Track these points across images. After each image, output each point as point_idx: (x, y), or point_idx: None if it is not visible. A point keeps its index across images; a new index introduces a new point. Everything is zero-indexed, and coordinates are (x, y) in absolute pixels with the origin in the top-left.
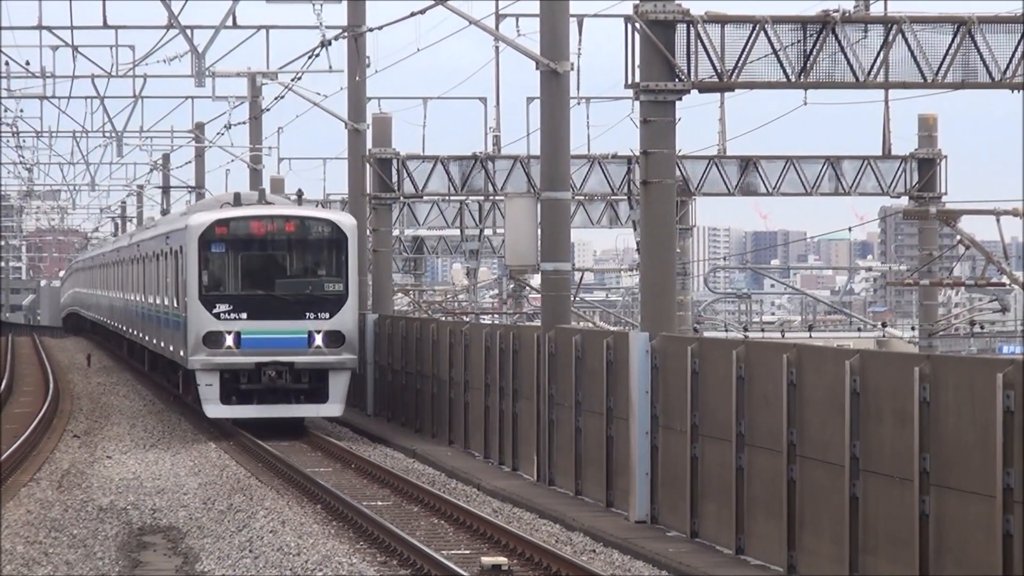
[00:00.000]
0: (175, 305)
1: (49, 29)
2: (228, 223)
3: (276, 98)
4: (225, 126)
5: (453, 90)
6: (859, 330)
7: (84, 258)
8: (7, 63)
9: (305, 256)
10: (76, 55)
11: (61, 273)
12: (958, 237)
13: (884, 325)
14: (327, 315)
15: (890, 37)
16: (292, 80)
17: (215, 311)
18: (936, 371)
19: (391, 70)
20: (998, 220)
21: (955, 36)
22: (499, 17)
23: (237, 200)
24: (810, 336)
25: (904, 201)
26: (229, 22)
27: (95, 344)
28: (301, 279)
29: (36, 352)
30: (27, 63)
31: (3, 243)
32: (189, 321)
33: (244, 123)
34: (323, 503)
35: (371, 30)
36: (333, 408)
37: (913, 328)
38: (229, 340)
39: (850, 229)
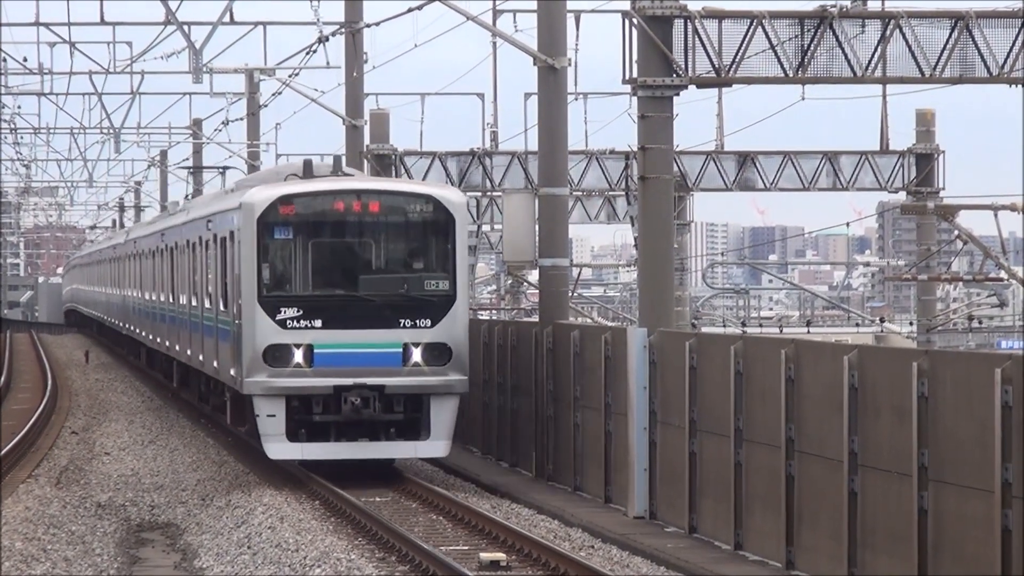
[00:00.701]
0: (221, 308)
1: (47, 26)
2: (296, 200)
3: (274, 94)
4: (223, 122)
5: (451, 86)
6: (857, 325)
7: (90, 251)
8: (5, 60)
9: (399, 244)
10: (74, 52)
11: (60, 269)
12: (956, 232)
13: (882, 320)
14: (428, 322)
15: (887, 32)
16: (289, 76)
17: (279, 317)
18: (934, 366)
19: (389, 66)
20: (996, 215)
21: (952, 31)
22: (496, 13)
23: (308, 170)
24: (808, 331)
25: (902, 196)
26: (226, 18)
27: (94, 341)
28: (394, 275)
29: (34, 349)
30: (25, 60)
31: (1, 240)
32: (244, 330)
33: (242, 119)
34: (321, 499)
35: (368, 26)
36: (435, 446)
37: (911, 323)
38: (298, 356)
39: (848, 224)
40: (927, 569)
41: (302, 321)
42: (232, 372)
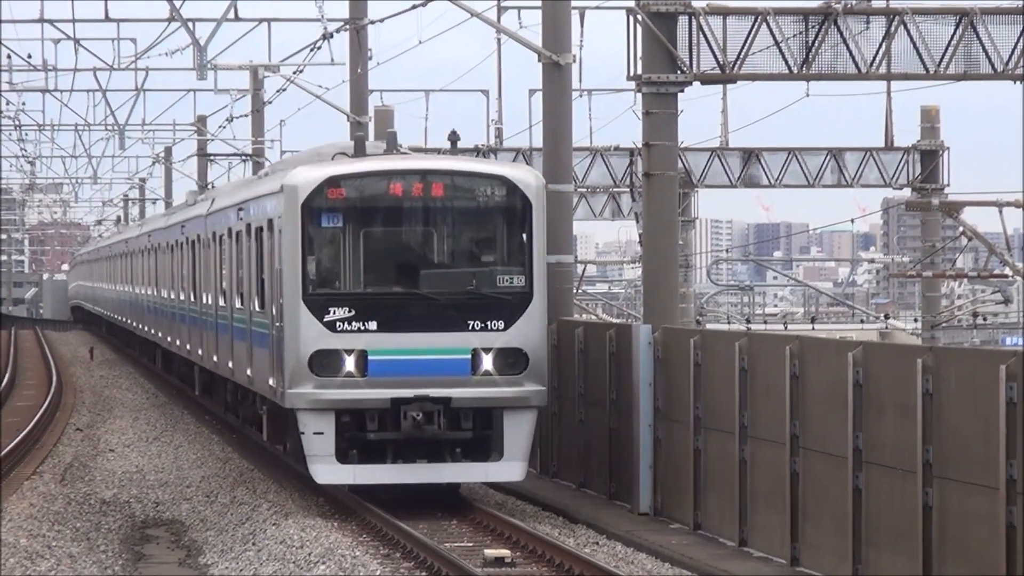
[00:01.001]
0: (257, 308)
1: (51, 22)
2: (347, 182)
3: (278, 91)
4: (227, 119)
5: (455, 83)
6: (862, 322)
7: (98, 246)
8: (9, 56)
9: (467, 233)
10: (78, 48)
11: (64, 266)
12: (960, 229)
13: (887, 317)
14: (501, 324)
15: (892, 28)
16: (294, 73)
17: (328, 319)
18: (939, 363)
19: (393, 63)
20: (1000, 211)
21: (957, 27)
22: (501, 9)
23: (359, 148)
24: (813, 328)
25: (906, 193)
26: (231, 15)
27: (99, 338)
28: (461, 269)
29: (39, 345)
30: (29, 56)
31: (5, 236)
32: (286, 334)
33: (246, 116)
34: (325, 495)
35: (373, 23)
36: (510, 469)
37: (916, 320)
38: (350, 364)
39: (852, 221)
40: (931, 566)
41: (354, 323)
42: (270, 382)
